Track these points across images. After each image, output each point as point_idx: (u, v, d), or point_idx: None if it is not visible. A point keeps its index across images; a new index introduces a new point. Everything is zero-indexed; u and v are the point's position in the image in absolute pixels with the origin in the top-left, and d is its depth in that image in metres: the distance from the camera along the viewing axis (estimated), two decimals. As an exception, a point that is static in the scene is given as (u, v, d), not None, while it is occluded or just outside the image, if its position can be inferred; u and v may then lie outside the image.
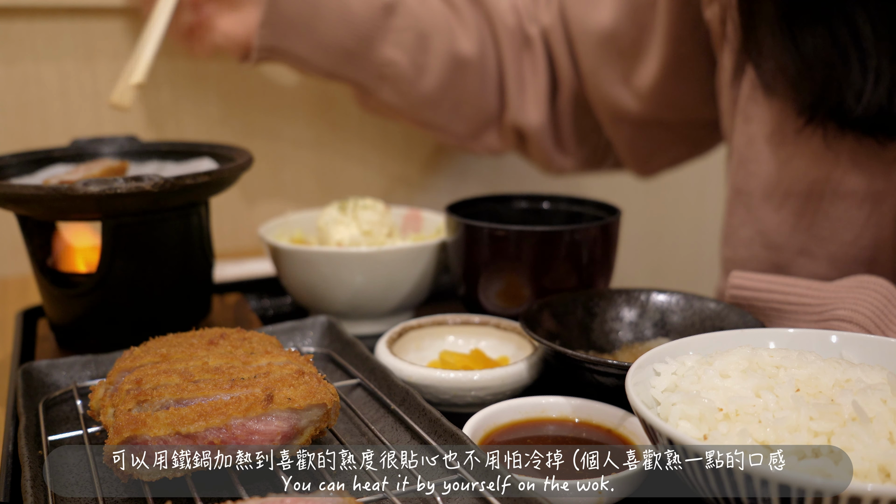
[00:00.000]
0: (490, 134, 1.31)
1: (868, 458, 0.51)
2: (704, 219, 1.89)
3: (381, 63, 1.18)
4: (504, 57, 1.26)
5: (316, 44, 1.14)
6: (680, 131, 1.22)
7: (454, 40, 1.22)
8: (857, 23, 0.83)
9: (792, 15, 0.86)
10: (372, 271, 0.94)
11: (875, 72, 0.83)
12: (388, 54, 1.17)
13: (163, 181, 0.78)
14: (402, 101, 1.23)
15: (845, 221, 0.93)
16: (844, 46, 0.84)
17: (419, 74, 1.20)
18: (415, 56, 1.19)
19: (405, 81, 1.20)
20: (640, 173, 1.34)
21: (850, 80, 0.84)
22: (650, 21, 1.11)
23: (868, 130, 0.86)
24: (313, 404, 0.60)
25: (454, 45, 1.22)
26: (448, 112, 1.26)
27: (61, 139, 1.24)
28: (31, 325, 0.98)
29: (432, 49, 1.20)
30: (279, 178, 1.42)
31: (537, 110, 1.26)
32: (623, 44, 1.15)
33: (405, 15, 1.18)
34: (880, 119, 0.85)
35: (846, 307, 0.77)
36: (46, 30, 1.21)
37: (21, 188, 0.77)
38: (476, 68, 1.24)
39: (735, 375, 0.60)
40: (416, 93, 1.22)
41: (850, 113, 0.85)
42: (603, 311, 0.87)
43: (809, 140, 0.92)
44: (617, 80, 1.18)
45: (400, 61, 1.18)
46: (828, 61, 0.85)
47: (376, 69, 1.19)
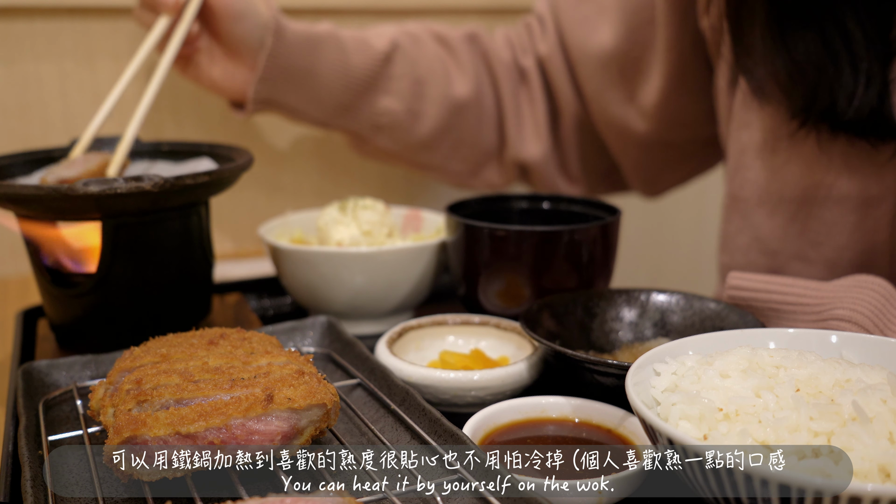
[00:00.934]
0: (489, 170, 1.31)
1: (868, 458, 0.51)
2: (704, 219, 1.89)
3: (376, 112, 1.17)
4: (501, 93, 1.26)
5: (312, 97, 1.14)
6: (686, 150, 1.22)
7: (450, 83, 1.21)
8: (847, 26, 0.83)
9: (782, 19, 0.86)
10: (372, 271, 0.94)
11: (866, 74, 0.83)
12: (383, 104, 1.17)
13: (163, 181, 0.78)
14: (397, 146, 1.22)
15: (840, 226, 0.93)
16: (835, 50, 0.84)
17: (415, 121, 1.20)
18: (411, 103, 1.18)
19: (401, 129, 1.20)
20: (648, 194, 1.34)
21: (841, 83, 0.84)
22: (650, 38, 1.12)
23: (860, 133, 0.87)
24: (313, 404, 0.60)
25: (450, 88, 1.21)
26: (446, 154, 1.26)
27: (61, 139, 1.24)
28: (31, 325, 0.98)
29: (428, 95, 1.20)
30: (279, 178, 1.42)
31: (538, 142, 1.26)
32: (625, 63, 1.15)
33: (401, 62, 1.17)
34: (872, 121, 0.85)
35: (845, 307, 0.77)
36: (46, 30, 1.21)
37: (21, 188, 0.77)
38: (473, 109, 1.24)
39: (735, 375, 0.60)
40: (413, 138, 1.21)
41: (842, 115, 0.85)
42: (603, 311, 0.87)
43: (802, 145, 0.92)
44: (622, 100, 1.18)
45: (396, 110, 1.18)
46: (819, 65, 0.85)
47: (372, 119, 1.18)
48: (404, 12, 1.46)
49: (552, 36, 1.23)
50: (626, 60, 1.15)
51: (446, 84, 1.21)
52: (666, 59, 1.10)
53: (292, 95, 1.13)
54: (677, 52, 1.09)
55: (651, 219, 1.83)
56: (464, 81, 1.22)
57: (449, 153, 1.26)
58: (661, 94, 1.13)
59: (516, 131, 1.27)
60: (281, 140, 1.41)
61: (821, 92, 0.86)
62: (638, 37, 1.13)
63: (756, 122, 0.97)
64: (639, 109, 1.17)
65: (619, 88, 1.17)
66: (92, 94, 1.26)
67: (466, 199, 1.03)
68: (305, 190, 1.44)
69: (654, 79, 1.13)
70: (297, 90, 1.12)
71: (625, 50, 1.14)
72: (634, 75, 1.16)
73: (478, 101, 1.24)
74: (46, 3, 1.20)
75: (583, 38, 1.18)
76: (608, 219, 0.94)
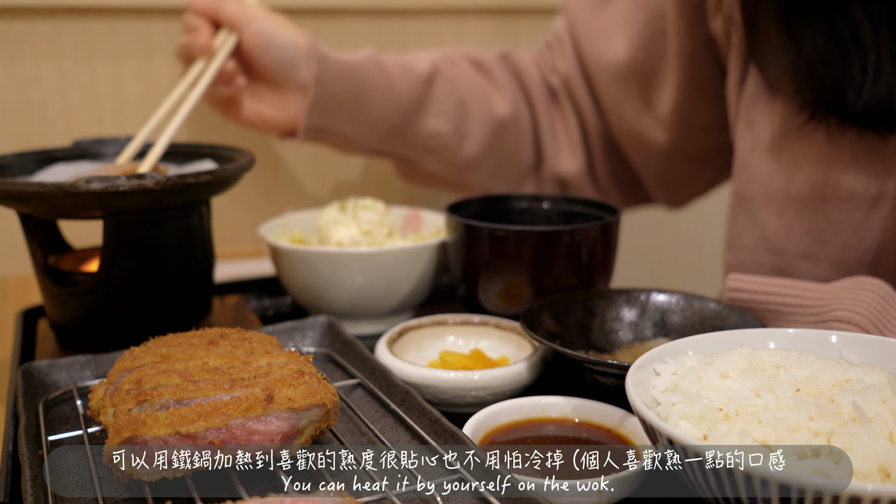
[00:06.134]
0: (527, 187, 1.33)
1: (868, 458, 0.51)
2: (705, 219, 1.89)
3: (425, 135, 1.20)
4: (536, 111, 1.29)
5: (363, 122, 1.16)
6: (704, 159, 1.24)
7: (490, 103, 1.24)
8: (855, 19, 0.83)
9: (791, 13, 0.86)
10: (372, 271, 0.94)
11: (875, 67, 0.83)
12: (431, 125, 1.20)
13: (165, 179, 0.78)
14: (445, 168, 1.25)
15: (847, 224, 0.93)
16: (843, 43, 0.84)
17: (462, 141, 1.22)
18: (457, 124, 1.21)
19: (449, 150, 1.22)
20: (672, 205, 1.36)
21: (850, 76, 0.84)
22: (663, 47, 1.13)
23: (869, 125, 0.87)
24: (313, 404, 0.60)
25: (491, 107, 1.24)
26: (489, 173, 1.28)
27: (62, 139, 1.24)
28: (32, 324, 0.98)
29: (472, 115, 1.22)
30: (279, 178, 1.42)
31: (574, 157, 1.29)
32: (640, 74, 1.17)
33: (443, 84, 1.20)
34: (881, 113, 0.85)
35: (844, 308, 0.77)
36: (46, 30, 1.21)
37: (24, 185, 0.77)
38: (512, 127, 1.26)
39: (735, 375, 0.60)
40: (459, 159, 1.24)
41: (851, 108, 0.85)
42: (603, 311, 0.87)
43: (811, 142, 0.92)
44: (639, 110, 1.20)
45: (444, 131, 1.20)
46: (827, 58, 0.85)
47: (421, 141, 1.21)
48: (404, 12, 1.46)
49: (570, 52, 1.25)
50: (641, 71, 1.16)
51: (487, 104, 1.24)
52: (679, 68, 1.11)
53: (344, 122, 1.15)
54: (690, 59, 1.10)
55: (651, 219, 1.83)
56: (502, 101, 1.25)
57: (492, 172, 1.28)
58: (676, 103, 1.14)
59: (552, 147, 1.29)
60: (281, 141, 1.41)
61: (829, 84, 0.86)
62: (651, 47, 1.14)
63: (764, 119, 0.97)
64: (656, 119, 1.18)
65: (636, 99, 1.19)
66: (92, 94, 1.26)
67: (466, 199, 1.03)
68: (305, 190, 1.44)
69: (669, 88, 1.14)
70: (348, 116, 1.15)
71: (640, 61, 1.16)
72: (650, 85, 1.17)
73: (516, 120, 1.27)
74: (46, 3, 1.20)
75: (599, 52, 1.20)
76: (608, 219, 0.94)
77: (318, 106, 1.11)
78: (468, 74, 1.24)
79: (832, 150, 0.91)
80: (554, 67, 1.29)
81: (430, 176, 1.28)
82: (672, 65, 1.12)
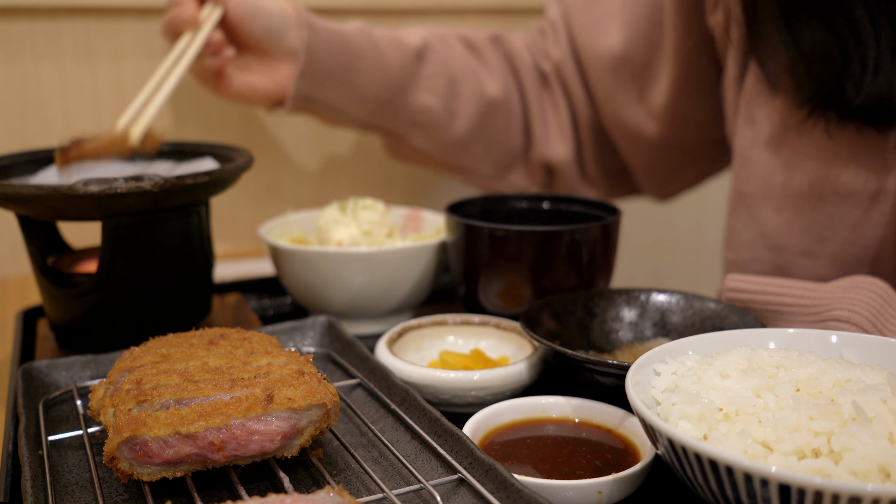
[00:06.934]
0: (516, 172, 1.33)
1: (868, 458, 0.51)
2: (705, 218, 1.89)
3: (414, 110, 1.20)
4: (526, 94, 1.28)
5: (353, 94, 1.15)
6: (695, 152, 1.23)
7: (481, 83, 1.24)
8: (855, 15, 0.83)
9: (792, 9, 0.87)
10: (372, 271, 0.94)
11: (875, 63, 0.83)
12: (421, 101, 1.19)
13: (163, 181, 0.78)
14: (434, 146, 1.24)
15: (846, 221, 0.93)
16: (843, 39, 0.84)
17: (451, 119, 1.22)
18: (446, 101, 1.21)
19: (438, 127, 1.22)
20: (659, 197, 1.35)
21: (849, 72, 0.85)
22: (658, 39, 1.13)
23: (868, 120, 0.87)
24: (313, 404, 0.60)
25: (481, 87, 1.24)
26: (478, 154, 1.28)
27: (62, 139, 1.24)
28: (31, 325, 0.98)
29: (462, 93, 1.22)
30: (279, 178, 1.42)
31: (563, 143, 1.28)
32: (634, 65, 1.16)
33: (434, 61, 1.20)
34: (880, 108, 0.85)
35: (843, 307, 0.77)
36: (46, 30, 1.21)
37: (21, 187, 0.77)
38: (502, 109, 1.26)
39: (735, 375, 0.60)
40: (448, 137, 1.23)
41: (850, 103, 0.86)
42: (603, 311, 0.87)
43: (810, 138, 0.92)
44: (631, 102, 1.19)
45: (433, 107, 1.20)
46: (827, 54, 0.85)
47: (410, 116, 1.20)
48: (404, 12, 1.46)
49: (564, 40, 1.25)
50: (635, 62, 1.16)
51: (477, 84, 1.23)
52: (674, 61, 1.11)
53: (333, 92, 1.14)
54: (685, 53, 1.10)
55: (651, 218, 1.83)
56: (493, 81, 1.25)
57: (481, 154, 1.28)
58: (669, 96, 1.14)
59: (542, 132, 1.29)
60: (281, 140, 1.41)
61: (829, 80, 0.86)
62: (646, 39, 1.14)
63: (763, 116, 0.97)
64: (648, 111, 1.18)
65: (629, 90, 1.19)
66: (92, 94, 1.26)
67: (466, 199, 1.03)
68: (305, 190, 1.45)
69: (663, 80, 1.14)
70: (336, 87, 1.14)
71: (634, 52, 1.15)
72: (644, 77, 1.16)
73: (506, 101, 1.26)
74: (46, 3, 1.20)
75: (593, 41, 1.20)
76: (608, 219, 0.94)
77: (307, 74, 1.10)
78: (459, 53, 1.23)
79: (831, 147, 0.91)
80: (546, 53, 1.28)
81: (420, 154, 1.27)
82: (667, 58, 1.12)
